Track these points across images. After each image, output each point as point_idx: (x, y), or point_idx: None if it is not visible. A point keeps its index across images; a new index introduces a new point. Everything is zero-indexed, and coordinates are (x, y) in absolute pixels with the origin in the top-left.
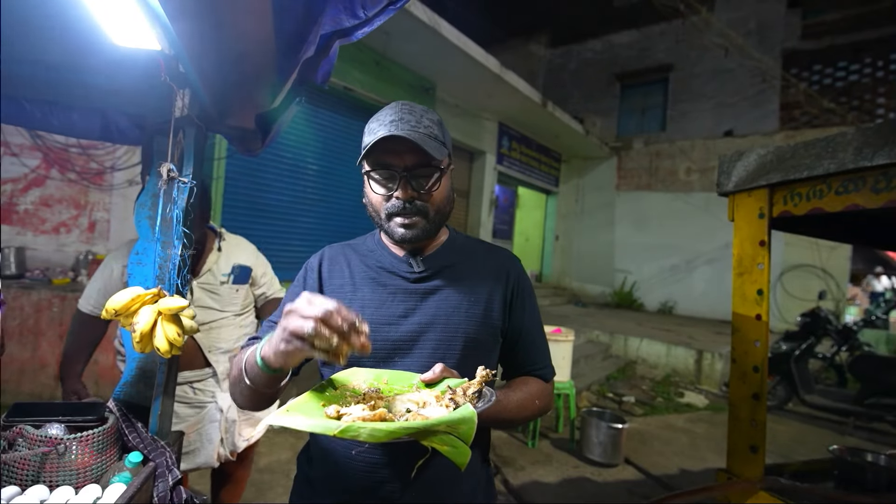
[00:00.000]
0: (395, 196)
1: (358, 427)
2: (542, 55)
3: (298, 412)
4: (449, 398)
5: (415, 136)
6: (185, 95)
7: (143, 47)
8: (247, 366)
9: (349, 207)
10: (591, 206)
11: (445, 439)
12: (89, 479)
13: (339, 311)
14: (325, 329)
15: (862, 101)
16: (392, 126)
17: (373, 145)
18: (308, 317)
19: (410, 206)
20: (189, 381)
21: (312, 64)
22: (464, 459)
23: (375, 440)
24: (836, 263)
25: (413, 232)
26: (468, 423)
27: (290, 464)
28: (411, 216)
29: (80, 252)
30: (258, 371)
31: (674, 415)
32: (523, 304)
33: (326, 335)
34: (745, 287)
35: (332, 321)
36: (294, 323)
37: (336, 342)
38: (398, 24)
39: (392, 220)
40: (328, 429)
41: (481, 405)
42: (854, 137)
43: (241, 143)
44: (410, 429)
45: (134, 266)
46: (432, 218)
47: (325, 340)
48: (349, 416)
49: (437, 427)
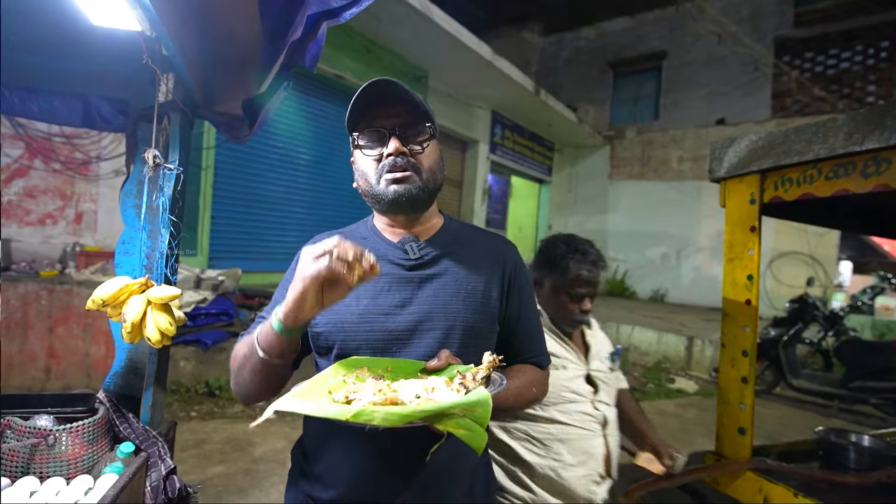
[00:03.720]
0: (387, 153)
1: (371, 411)
2: (535, 43)
3: (305, 398)
4: (459, 383)
5: (401, 88)
6: (168, 79)
7: (123, 27)
8: (260, 337)
9: (342, 197)
10: (583, 195)
11: (461, 423)
12: (80, 469)
13: (342, 243)
14: (343, 245)
15: (853, 88)
16: (375, 83)
17: (359, 107)
18: (319, 255)
19: (402, 161)
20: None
21: (300, 46)
22: (480, 443)
23: (390, 424)
24: (824, 251)
25: (406, 187)
26: (483, 406)
27: (285, 453)
28: (401, 170)
29: (67, 244)
30: (274, 337)
31: (665, 400)
32: (520, 292)
33: (344, 248)
34: (736, 272)
35: (345, 243)
36: (313, 249)
37: (352, 257)
38: (389, 9)
39: (383, 178)
40: (340, 413)
41: (493, 389)
42: (844, 123)
43: (228, 130)
44: (426, 412)
45: (120, 256)
46: (424, 178)
47: (342, 253)
48: (359, 401)
49: (453, 410)
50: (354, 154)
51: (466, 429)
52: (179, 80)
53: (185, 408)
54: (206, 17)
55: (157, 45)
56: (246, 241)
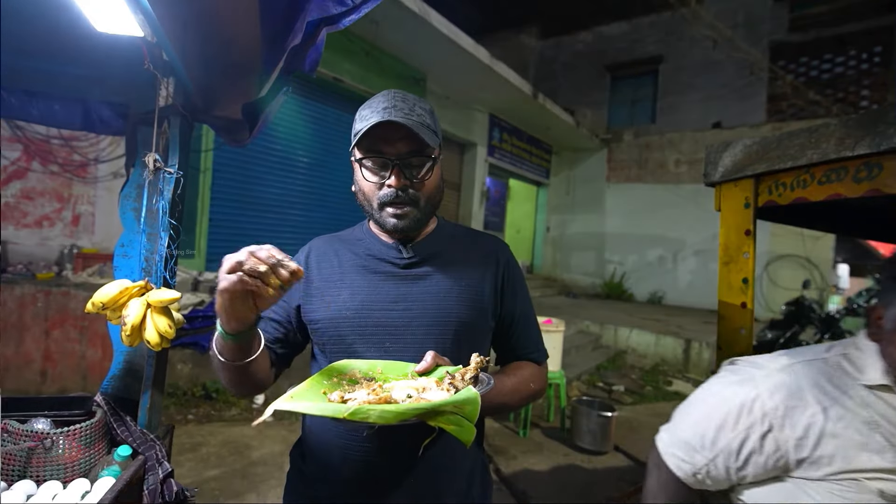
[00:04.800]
0: (388, 184)
1: (367, 409)
2: (533, 47)
3: (302, 399)
4: (448, 383)
5: (409, 123)
6: (169, 84)
7: (125, 33)
8: (215, 340)
9: (339, 199)
10: (581, 197)
11: (452, 419)
12: (77, 473)
13: (266, 249)
14: (252, 259)
15: (847, 93)
16: (385, 113)
17: (365, 132)
18: (229, 269)
19: (403, 195)
20: None
21: (299, 52)
22: (469, 437)
23: (385, 422)
24: (819, 253)
25: (404, 222)
26: (472, 404)
27: (282, 456)
28: (403, 206)
29: (64, 246)
30: (221, 341)
31: (662, 403)
32: (514, 289)
33: (253, 262)
34: (731, 276)
35: (260, 253)
36: (226, 263)
37: (263, 269)
38: (387, 13)
39: (384, 209)
40: (337, 412)
41: (481, 388)
42: (836, 128)
43: (227, 134)
44: (419, 409)
45: (119, 258)
46: (423, 207)
47: (252, 268)
48: (354, 400)
49: (445, 408)
50: (355, 167)
51: (457, 424)
52: (180, 84)
53: (181, 411)
54: (208, 23)
55: (158, 50)
56: (244, 243)
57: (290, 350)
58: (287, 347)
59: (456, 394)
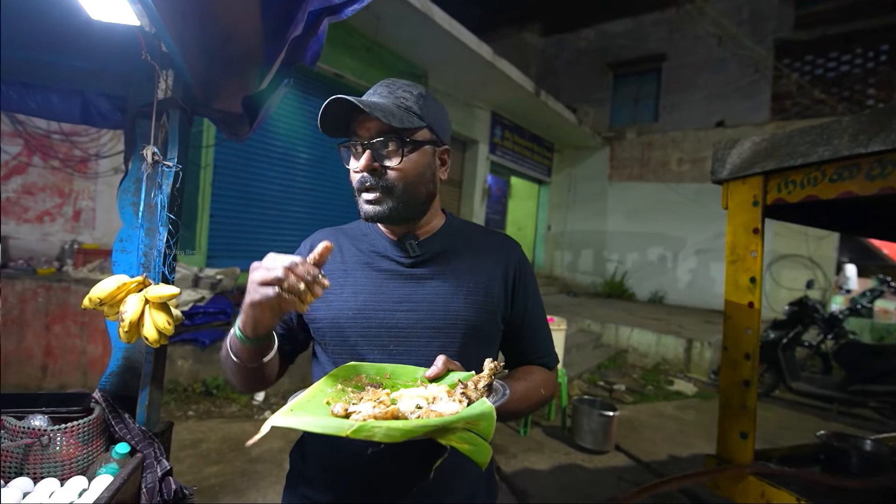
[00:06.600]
0: (354, 170)
1: (372, 426)
2: (535, 44)
3: (303, 411)
4: (461, 392)
5: (370, 102)
6: (168, 76)
7: (122, 22)
8: (230, 342)
9: (341, 196)
10: (583, 196)
11: (465, 437)
12: (75, 470)
13: (302, 263)
14: (292, 276)
15: (853, 91)
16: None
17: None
18: (274, 266)
19: (373, 182)
20: None
21: (301, 43)
22: (485, 458)
23: (392, 440)
24: (823, 253)
25: (375, 209)
26: (487, 419)
27: (282, 453)
28: (373, 191)
29: (65, 241)
30: (239, 344)
31: (663, 402)
32: (525, 292)
33: (293, 280)
34: (738, 275)
35: (298, 269)
36: (261, 274)
37: (302, 287)
38: (389, 8)
39: (360, 196)
40: (340, 429)
41: (495, 399)
42: (849, 124)
43: (227, 128)
44: (428, 426)
45: (118, 254)
46: (400, 195)
47: (291, 286)
48: (358, 413)
49: (456, 424)
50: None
51: (470, 443)
52: (179, 76)
53: (182, 407)
54: (207, 14)
55: (156, 41)
56: (245, 239)
57: (293, 347)
58: (291, 344)
59: (468, 407)
